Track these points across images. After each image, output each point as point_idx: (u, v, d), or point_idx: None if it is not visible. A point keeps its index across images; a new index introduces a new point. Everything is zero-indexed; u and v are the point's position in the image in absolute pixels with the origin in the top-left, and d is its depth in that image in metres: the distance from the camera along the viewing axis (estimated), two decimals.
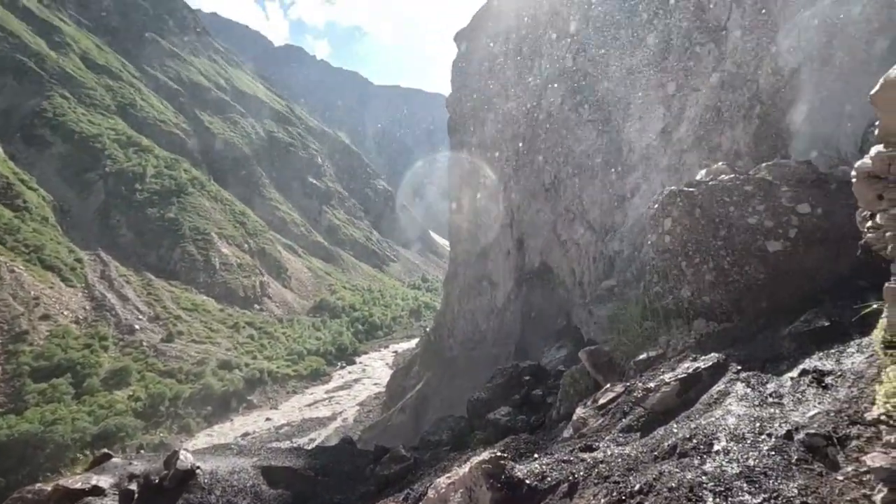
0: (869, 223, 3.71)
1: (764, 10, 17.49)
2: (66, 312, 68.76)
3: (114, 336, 69.18)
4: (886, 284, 3.54)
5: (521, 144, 38.08)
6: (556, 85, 32.73)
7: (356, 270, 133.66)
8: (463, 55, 49.86)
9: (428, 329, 72.54)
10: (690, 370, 5.59)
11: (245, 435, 57.50)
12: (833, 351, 4.69)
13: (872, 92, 2.98)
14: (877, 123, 3.16)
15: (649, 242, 8.15)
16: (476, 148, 47.49)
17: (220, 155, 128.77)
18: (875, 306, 4.39)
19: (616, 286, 21.67)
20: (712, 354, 5.73)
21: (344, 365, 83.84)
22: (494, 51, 42.73)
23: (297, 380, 74.74)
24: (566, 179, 32.45)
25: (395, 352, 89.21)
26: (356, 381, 76.13)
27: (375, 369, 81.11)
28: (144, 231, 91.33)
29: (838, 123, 10.54)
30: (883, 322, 3.78)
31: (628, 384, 6.77)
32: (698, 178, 7.72)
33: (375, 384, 72.17)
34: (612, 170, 28.77)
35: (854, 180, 3.61)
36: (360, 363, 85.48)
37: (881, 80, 2.91)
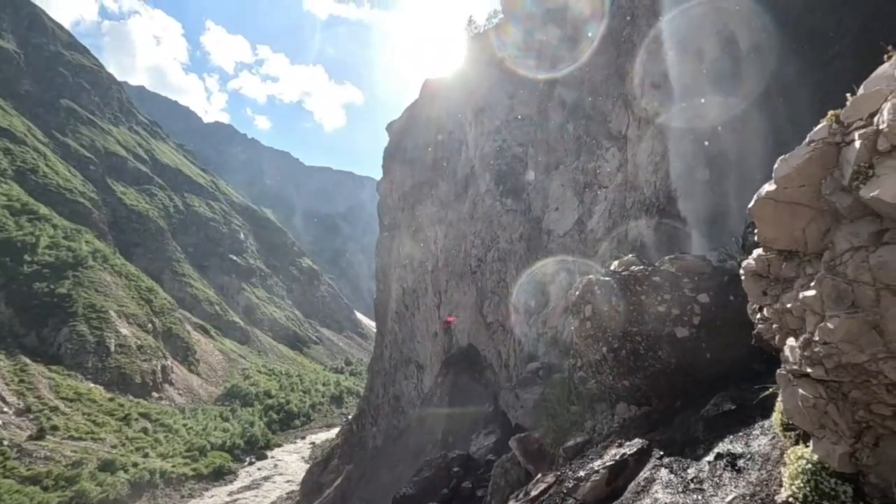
0: (758, 315, 4.18)
1: (653, 122, 20.39)
2: None
3: None
4: (778, 371, 3.93)
5: (448, 229, 39.57)
6: (481, 175, 35.14)
7: (274, 353, 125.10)
8: (394, 143, 52.52)
9: (350, 417, 68.02)
10: (617, 457, 5.66)
11: None
12: (741, 434, 5.01)
13: (749, 206, 3.52)
14: (755, 231, 3.68)
15: (572, 328, 8.52)
16: (405, 230, 48.59)
17: (130, 227, 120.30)
18: (771, 389, 4.82)
19: (541, 369, 21.99)
20: (636, 440, 5.88)
21: (253, 460, 75.00)
22: (424, 141, 45.52)
23: (195, 480, 65.23)
24: (491, 263, 33.80)
25: (313, 443, 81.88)
26: (266, 478, 67.94)
27: (289, 464, 73.31)
28: (27, 308, 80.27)
29: (723, 224, 12.13)
30: (779, 405, 4.14)
31: (559, 473, 6.67)
32: (612, 267, 8.38)
33: (288, 481, 64.83)
34: (534, 255, 30.51)
35: (742, 277, 4.11)
36: (273, 457, 77.00)
37: (755, 196, 3.46)
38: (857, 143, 2.89)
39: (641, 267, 7.92)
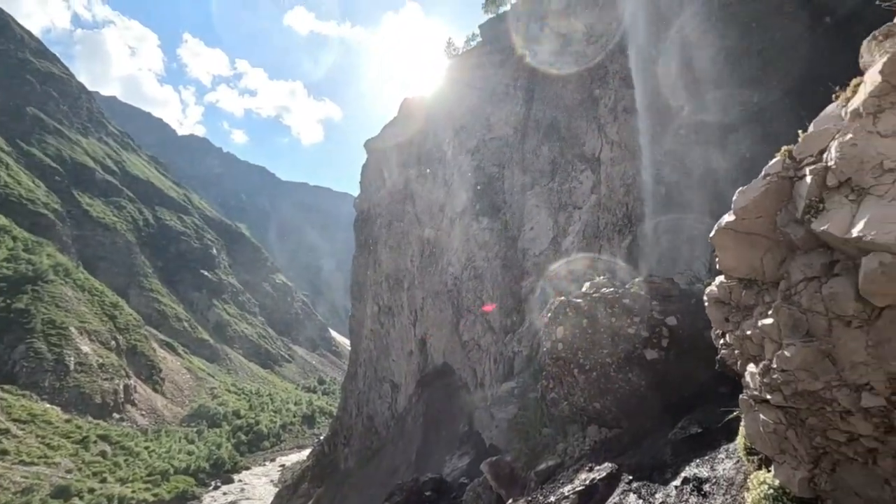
0: (722, 341, 4.28)
1: (625, 146, 21.00)
2: None
3: None
4: (741, 396, 4.01)
5: (425, 246, 39.57)
6: (459, 193, 35.41)
7: (245, 371, 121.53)
8: (372, 160, 52.58)
9: (322, 438, 66.25)
10: (587, 482, 5.65)
11: None
12: (707, 457, 5.08)
13: (711, 235, 3.63)
14: (717, 259, 3.79)
15: (544, 349, 8.55)
16: (382, 247, 48.34)
17: (95, 240, 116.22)
18: (736, 413, 4.92)
19: (516, 387, 21.97)
20: (606, 464, 5.88)
21: (219, 484, 71.94)
22: (402, 159, 45.72)
23: None
24: (468, 281, 33.85)
25: (283, 465, 79.23)
26: None
27: (257, 488, 70.62)
28: None
29: (692, 247, 12.45)
30: (742, 430, 4.22)
31: (529, 499, 6.61)
32: (584, 289, 8.48)
33: None
34: (510, 273, 30.71)
35: (706, 304, 4.21)
36: (240, 481, 74.03)
37: (716, 226, 3.57)
38: (809, 179, 3.02)
39: (612, 289, 8.05)
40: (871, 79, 2.85)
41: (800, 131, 3.34)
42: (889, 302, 2.62)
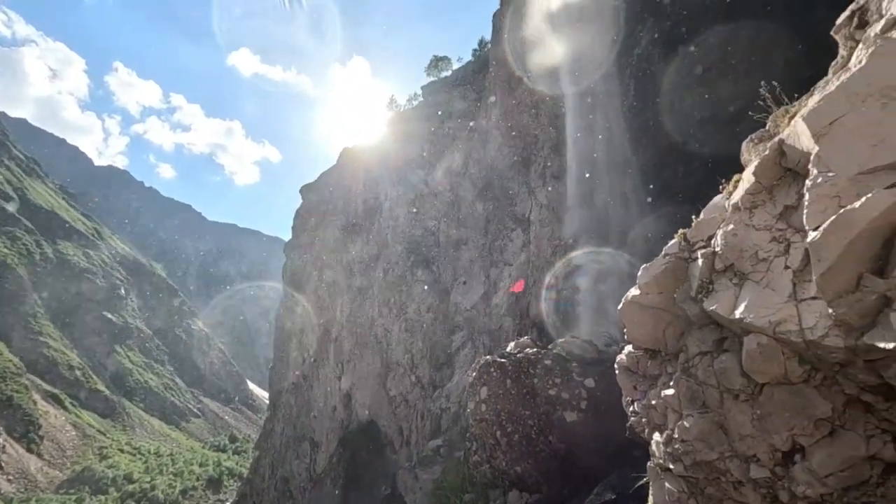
0: (631, 408, 4.45)
1: (553, 208, 22.28)
2: None
3: None
4: (649, 463, 4.15)
5: (356, 296, 38.68)
6: (393, 245, 35.42)
7: (145, 428, 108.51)
8: (306, 206, 51.68)
9: None
10: None
11: None
12: None
13: (619, 307, 3.86)
14: (625, 330, 4.01)
15: (468, 410, 8.45)
16: (311, 295, 46.63)
17: None
18: (646, 478, 5.05)
19: (442, 446, 21.31)
20: None
21: None
22: (338, 206, 45.36)
23: None
24: (398, 333, 33.24)
25: None
26: None
27: None
28: None
29: (614, 308, 13.15)
30: (650, 499, 4.33)
31: None
32: (509, 349, 8.61)
33: None
34: (441, 327, 30.59)
35: (617, 371, 4.40)
36: None
37: (623, 299, 3.81)
38: (700, 262, 3.34)
39: (535, 350, 8.23)
40: (747, 178, 3.27)
41: (693, 216, 3.72)
42: (768, 379, 2.88)
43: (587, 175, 18.36)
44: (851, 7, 3.60)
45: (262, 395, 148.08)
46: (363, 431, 33.31)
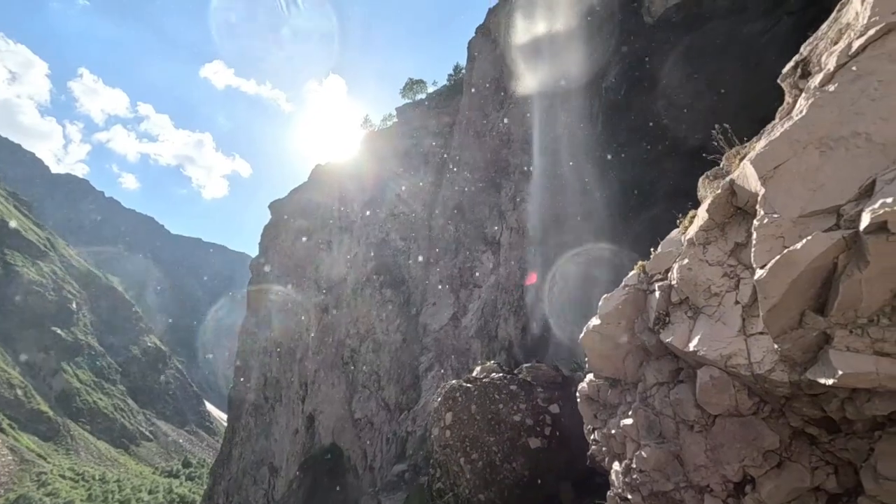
0: (592, 437, 4.49)
1: (523, 231, 22.63)
2: None
3: None
4: (608, 492, 4.17)
5: (323, 315, 37.93)
6: (363, 264, 35.09)
7: (91, 452, 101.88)
8: (275, 222, 50.78)
9: None
10: None
11: None
12: None
13: (580, 336, 3.92)
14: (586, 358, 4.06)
15: (433, 436, 8.33)
16: (276, 313, 45.44)
17: None
18: None
19: (407, 471, 20.86)
20: None
21: None
22: (308, 224, 44.77)
23: None
24: (365, 354, 32.66)
25: None
26: None
27: None
28: None
29: (572, 333, 13.34)
30: None
31: None
32: (475, 373, 8.58)
33: None
34: (409, 348, 30.27)
35: (578, 400, 4.44)
36: None
37: (585, 328, 3.88)
38: (658, 294, 3.45)
39: (501, 374, 8.23)
40: (702, 214, 3.42)
41: (652, 249, 3.85)
42: (720, 411, 2.96)
43: (555, 200, 18.80)
44: (795, 58, 3.87)
45: (221, 416, 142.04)
46: (326, 455, 32.33)
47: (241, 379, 47.08)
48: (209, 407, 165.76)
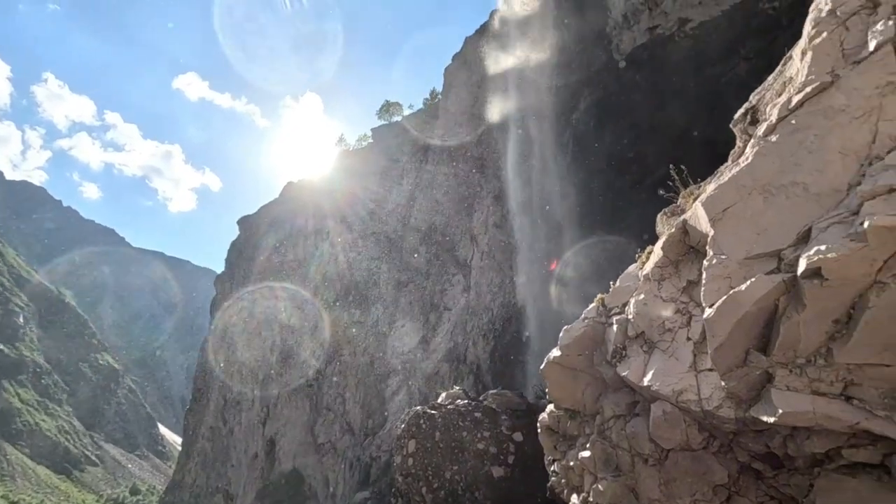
0: (552, 468, 4.49)
1: (494, 257, 22.85)
2: None
3: None
4: None
5: (289, 335, 36.99)
6: (332, 283, 34.58)
7: (29, 478, 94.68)
8: (243, 238, 49.67)
9: None
10: None
11: None
12: None
13: (541, 367, 3.97)
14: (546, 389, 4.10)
15: (396, 464, 8.16)
16: (240, 332, 44.03)
17: None
18: None
19: (370, 499, 20.28)
20: None
21: None
22: (277, 241, 43.97)
23: None
24: (331, 376, 31.91)
25: None
26: None
27: None
28: None
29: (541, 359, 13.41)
30: None
31: None
32: (440, 400, 8.50)
33: None
34: (376, 371, 29.76)
35: (539, 431, 4.45)
36: None
37: (546, 359, 3.93)
38: (615, 327, 3.54)
39: (466, 401, 8.18)
40: (657, 251, 3.55)
41: (611, 282, 3.96)
42: (672, 445, 3.03)
43: (527, 226, 19.16)
44: (745, 106, 4.12)
45: (175, 440, 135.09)
46: (286, 482, 31.14)
47: (198, 401, 45.09)
48: (163, 430, 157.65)
